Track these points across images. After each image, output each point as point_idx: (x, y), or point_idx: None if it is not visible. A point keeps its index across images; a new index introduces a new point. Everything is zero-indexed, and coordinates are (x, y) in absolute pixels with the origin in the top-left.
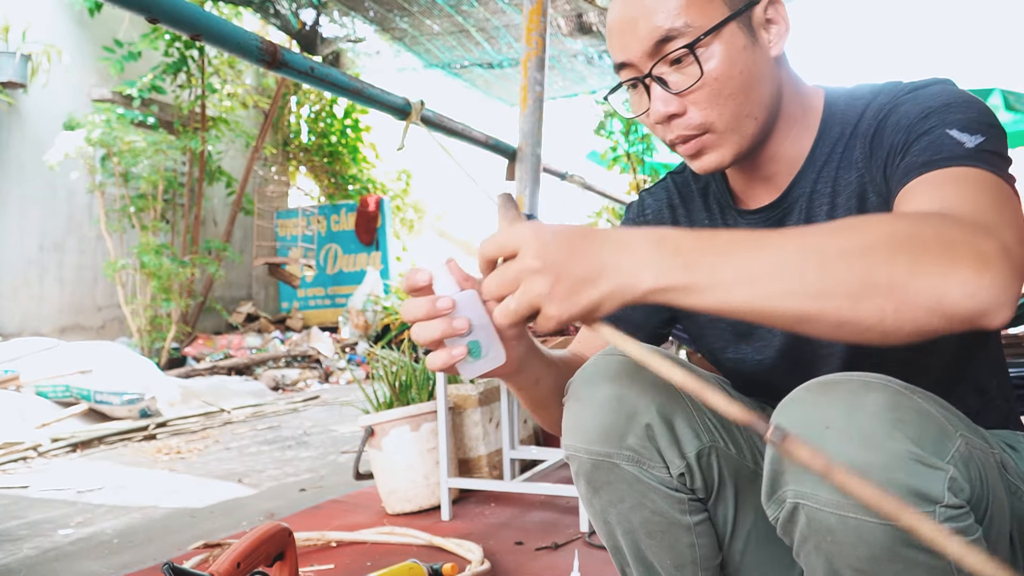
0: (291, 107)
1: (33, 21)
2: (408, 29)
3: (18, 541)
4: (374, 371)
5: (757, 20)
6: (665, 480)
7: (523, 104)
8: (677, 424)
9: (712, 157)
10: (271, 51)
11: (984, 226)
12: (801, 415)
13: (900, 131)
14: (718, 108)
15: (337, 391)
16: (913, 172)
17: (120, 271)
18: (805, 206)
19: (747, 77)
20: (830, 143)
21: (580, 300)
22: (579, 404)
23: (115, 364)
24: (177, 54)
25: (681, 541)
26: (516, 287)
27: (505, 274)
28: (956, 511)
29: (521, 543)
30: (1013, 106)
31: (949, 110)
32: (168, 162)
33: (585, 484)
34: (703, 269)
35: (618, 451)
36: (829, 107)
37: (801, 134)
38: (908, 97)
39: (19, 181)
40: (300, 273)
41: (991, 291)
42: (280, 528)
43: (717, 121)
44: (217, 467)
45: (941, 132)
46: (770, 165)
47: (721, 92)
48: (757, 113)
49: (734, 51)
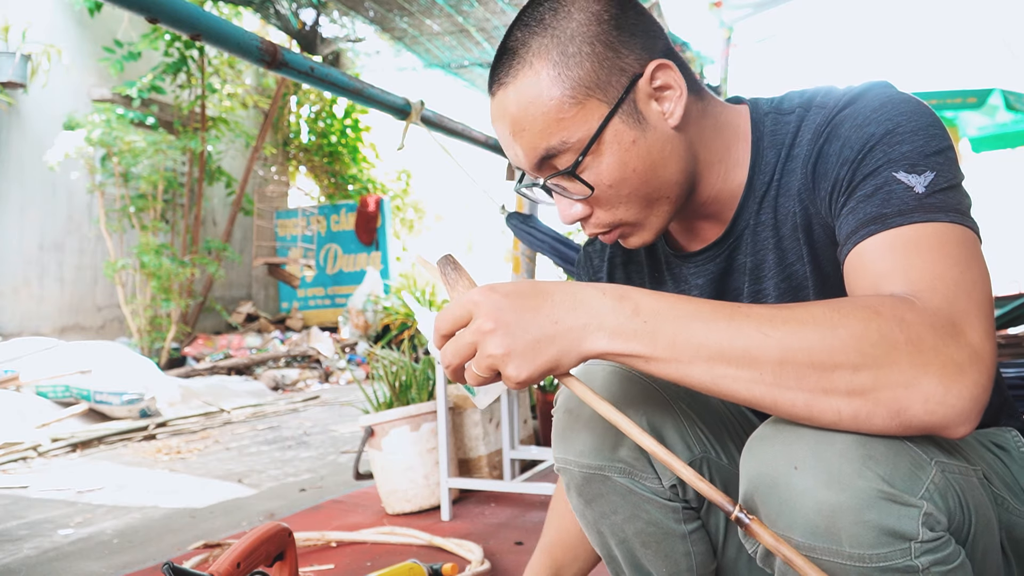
0: (291, 107)
1: (33, 21)
2: (408, 29)
3: (18, 541)
4: (374, 371)
5: (643, 99)
6: (658, 491)
7: None
8: (667, 435)
9: (635, 240)
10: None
11: (953, 322)
12: (769, 456)
13: (844, 164)
14: (623, 207)
15: (337, 391)
16: (864, 229)
17: (120, 271)
18: (750, 238)
19: (645, 168)
20: (767, 170)
21: (537, 360)
22: (569, 417)
23: (115, 364)
24: (177, 54)
25: (677, 550)
26: (473, 352)
27: (461, 340)
28: (934, 543)
29: (521, 543)
30: (1013, 106)
31: (893, 139)
32: (168, 162)
33: (577, 496)
34: (661, 340)
35: (610, 464)
36: (756, 126)
37: (732, 169)
38: (846, 115)
39: (19, 181)
40: (300, 273)
41: (956, 406)
42: (280, 528)
43: (625, 217)
44: (217, 467)
45: (888, 175)
46: (707, 207)
47: (619, 194)
48: (668, 192)
49: (622, 151)
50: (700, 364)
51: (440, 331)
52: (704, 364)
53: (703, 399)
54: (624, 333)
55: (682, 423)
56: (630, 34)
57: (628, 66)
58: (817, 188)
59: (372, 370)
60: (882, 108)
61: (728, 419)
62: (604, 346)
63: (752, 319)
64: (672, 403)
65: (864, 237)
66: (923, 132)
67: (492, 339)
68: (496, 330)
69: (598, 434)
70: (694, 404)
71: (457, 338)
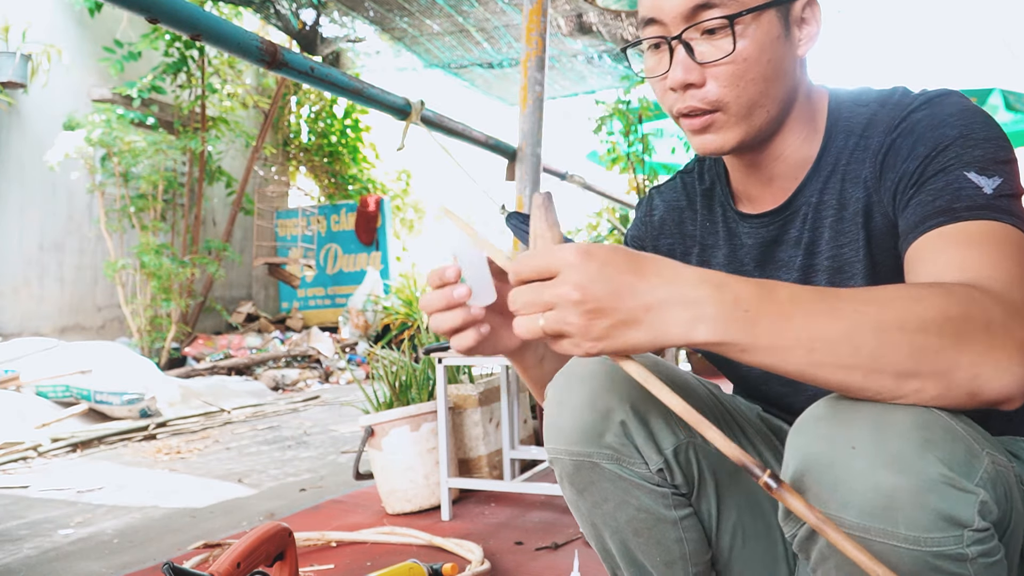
0: (291, 107)
1: (33, 21)
2: (408, 29)
3: (18, 541)
4: (374, 371)
5: (794, 16)
6: (646, 476)
7: (523, 104)
8: (652, 421)
9: (716, 138)
10: (271, 51)
11: (1016, 307)
12: (825, 434)
13: (915, 159)
14: (736, 89)
15: (337, 391)
16: (932, 220)
17: (120, 271)
18: (811, 215)
19: (772, 67)
20: (836, 152)
21: (615, 341)
22: (557, 407)
23: (115, 364)
24: (177, 54)
25: (668, 536)
26: (547, 310)
27: (539, 295)
28: (983, 534)
29: (521, 543)
30: (1013, 106)
31: (967, 144)
32: (168, 162)
33: (569, 486)
34: (763, 328)
35: (598, 450)
36: (834, 111)
37: (809, 137)
38: (921, 116)
39: (19, 181)
40: (300, 273)
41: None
42: (280, 528)
43: (732, 103)
44: (217, 467)
45: (958, 173)
46: (774, 165)
47: (745, 74)
48: (771, 106)
49: (767, 38)
50: (799, 350)
51: (519, 275)
52: (803, 350)
53: (685, 386)
54: (724, 322)
55: (666, 410)
56: None
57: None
58: (883, 178)
59: (372, 370)
60: (959, 114)
61: (712, 406)
62: (704, 335)
63: (845, 301)
64: None
65: (932, 227)
66: (994, 141)
67: (574, 311)
68: (583, 303)
69: (585, 422)
70: (675, 389)
71: (536, 291)
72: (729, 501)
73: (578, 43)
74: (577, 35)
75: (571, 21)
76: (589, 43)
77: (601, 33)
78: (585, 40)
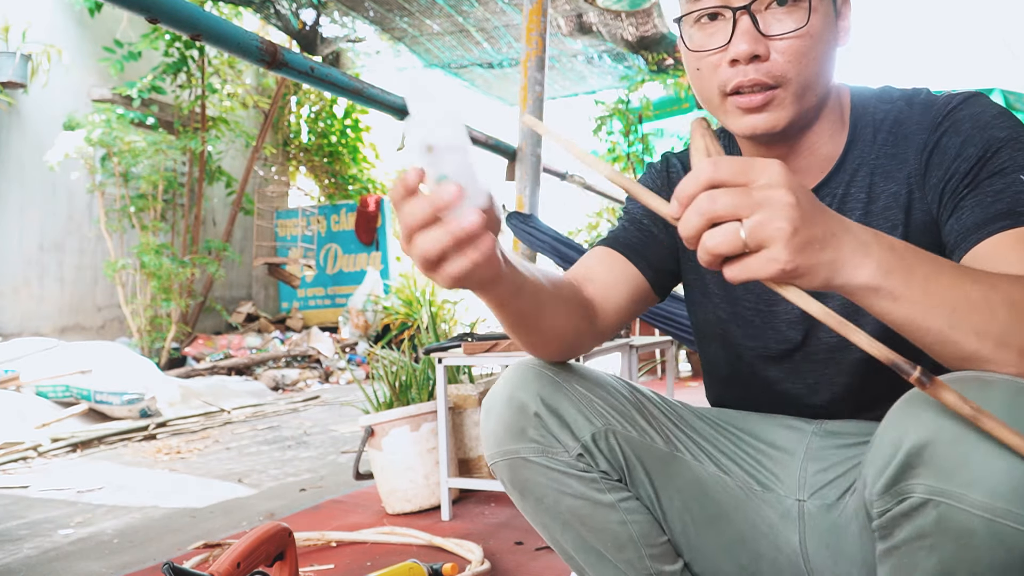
0: (291, 107)
1: (33, 21)
2: (408, 29)
3: (18, 541)
4: (374, 371)
5: (838, 5)
6: (570, 463)
7: (523, 104)
8: (563, 411)
9: (772, 116)
10: (271, 51)
11: None
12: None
13: (967, 160)
14: (800, 65)
15: (337, 391)
16: (996, 223)
17: (120, 271)
18: (836, 207)
19: (828, 48)
20: (862, 148)
21: (810, 258)
22: (486, 414)
23: (115, 364)
24: (177, 54)
25: (610, 519)
26: (750, 213)
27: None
28: None
29: (521, 543)
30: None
31: (1018, 145)
32: (168, 162)
33: (512, 489)
34: (917, 280)
35: (523, 445)
36: (856, 107)
37: (837, 131)
38: (966, 115)
39: (19, 181)
40: (300, 273)
41: None
42: (280, 528)
43: (795, 79)
44: (217, 467)
45: (1015, 177)
46: (805, 157)
47: (811, 51)
48: (819, 89)
49: (828, 18)
50: (944, 307)
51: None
52: (947, 308)
53: (600, 383)
54: (887, 267)
55: (578, 401)
56: None
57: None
58: (929, 175)
59: (372, 370)
60: (1002, 116)
61: (635, 400)
62: (866, 277)
63: (975, 272)
64: (564, 384)
65: (998, 230)
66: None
67: (785, 214)
68: (797, 205)
69: (507, 421)
70: (589, 386)
71: (743, 193)
72: (667, 487)
73: (578, 43)
74: (577, 35)
75: (571, 21)
76: (589, 43)
77: (601, 33)
78: (585, 40)
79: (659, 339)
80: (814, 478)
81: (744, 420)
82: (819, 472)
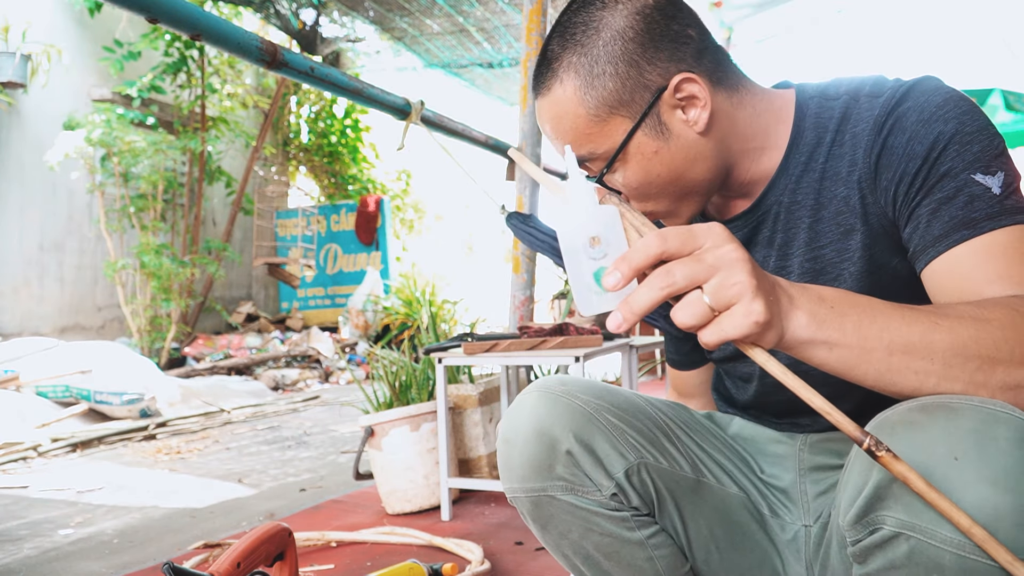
0: (291, 107)
1: (33, 21)
2: (408, 29)
3: (18, 541)
4: (374, 371)
5: (667, 110)
6: (602, 502)
7: (523, 104)
8: (597, 447)
9: (669, 223)
10: (271, 51)
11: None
12: (924, 443)
13: (914, 159)
14: (652, 203)
15: (337, 391)
16: (953, 234)
17: (120, 271)
18: (783, 215)
19: (669, 173)
20: (807, 150)
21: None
22: (507, 446)
23: (115, 364)
24: (177, 54)
25: (637, 557)
26: (708, 277)
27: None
28: None
29: (521, 543)
30: (1013, 106)
31: (964, 139)
32: (168, 162)
33: (532, 523)
34: (850, 326)
35: (551, 483)
36: (800, 109)
37: (769, 151)
38: (909, 108)
39: (19, 181)
40: (300, 273)
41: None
42: (280, 528)
43: (656, 209)
44: (217, 467)
45: (967, 177)
46: (743, 188)
47: (647, 194)
48: (697, 188)
49: (645, 160)
50: (880, 352)
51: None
52: (884, 352)
53: (629, 407)
54: (819, 318)
55: (611, 434)
56: (655, 48)
57: (651, 82)
58: (879, 178)
59: (372, 370)
60: (945, 105)
61: (660, 423)
62: (800, 330)
63: (918, 312)
64: (596, 416)
65: (957, 242)
66: (986, 131)
67: (743, 266)
68: (748, 259)
69: (533, 456)
70: (620, 414)
71: (694, 259)
72: (695, 515)
73: None
74: None
75: None
76: None
77: None
78: None
79: (659, 339)
80: (815, 503)
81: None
82: (820, 496)
